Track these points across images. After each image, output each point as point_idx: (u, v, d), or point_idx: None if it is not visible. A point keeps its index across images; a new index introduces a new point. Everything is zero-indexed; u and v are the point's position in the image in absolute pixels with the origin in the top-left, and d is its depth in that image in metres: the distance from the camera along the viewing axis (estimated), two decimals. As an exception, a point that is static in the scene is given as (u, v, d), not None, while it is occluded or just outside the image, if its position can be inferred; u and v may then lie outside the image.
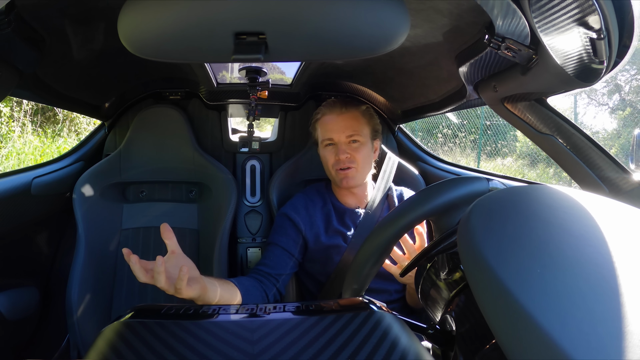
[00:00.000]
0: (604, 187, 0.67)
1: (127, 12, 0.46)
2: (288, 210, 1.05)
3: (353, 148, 1.00)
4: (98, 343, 0.37)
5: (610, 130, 7.25)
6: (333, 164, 1.01)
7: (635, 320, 0.23)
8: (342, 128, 1.00)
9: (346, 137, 1.00)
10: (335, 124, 1.01)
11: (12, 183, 0.99)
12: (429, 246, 0.49)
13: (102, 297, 1.13)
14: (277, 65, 1.09)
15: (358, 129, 1.01)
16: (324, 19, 0.44)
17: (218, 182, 1.21)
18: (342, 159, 0.99)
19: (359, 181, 1.02)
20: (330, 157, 1.02)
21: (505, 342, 0.24)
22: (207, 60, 0.82)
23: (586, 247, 0.29)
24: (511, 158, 6.79)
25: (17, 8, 0.58)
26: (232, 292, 0.81)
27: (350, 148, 1.00)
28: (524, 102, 0.75)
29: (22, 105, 4.49)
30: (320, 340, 0.36)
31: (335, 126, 1.01)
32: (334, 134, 1.01)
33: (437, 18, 0.65)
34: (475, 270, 0.29)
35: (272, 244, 1.01)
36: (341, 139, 1.00)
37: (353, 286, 0.57)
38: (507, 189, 0.40)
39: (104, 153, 1.30)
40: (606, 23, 0.44)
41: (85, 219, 1.10)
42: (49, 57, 0.75)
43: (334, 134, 1.01)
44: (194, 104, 1.34)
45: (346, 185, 1.01)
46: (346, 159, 0.99)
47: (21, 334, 1.08)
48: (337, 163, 1.00)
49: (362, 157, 1.01)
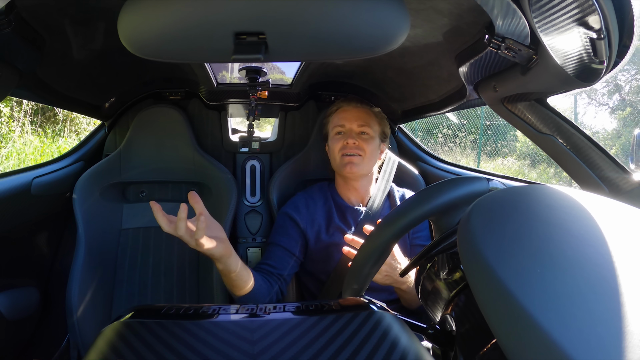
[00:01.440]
0: (604, 187, 0.67)
1: (127, 12, 0.46)
2: (289, 210, 1.05)
3: (362, 138, 1.03)
4: (98, 343, 0.37)
5: (610, 130, 7.25)
6: (340, 149, 1.03)
7: (635, 320, 0.23)
8: (355, 118, 1.04)
9: (357, 125, 1.03)
10: (349, 113, 1.06)
11: (12, 183, 0.99)
12: (429, 246, 0.49)
13: (102, 297, 1.13)
14: (277, 65, 1.09)
15: (369, 122, 1.05)
16: (324, 19, 0.44)
17: (218, 182, 1.21)
18: (349, 143, 1.01)
19: (363, 171, 1.03)
20: (339, 144, 1.04)
21: (505, 342, 0.24)
22: (207, 60, 0.82)
23: (586, 247, 0.29)
24: (511, 158, 6.79)
25: (17, 8, 0.58)
26: (249, 273, 0.85)
27: (360, 138, 1.02)
28: (524, 102, 0.75)
29: (22, 105, 4.49)
30: (320, 340, 0.36)
31: (349, 115, 1.05)
32: (346, 121, 1.04)
33: (437, 18, 0.65)
34: (475, 270, 0.29)
35: (273, 244, 1.02)
36: (352, 127, 1.04)
37: (353, 286, 0.57)
38: (507, 189, 0.40)
39: (104, 153, 1.30)
40: (606, 23, 0.44)
41: (85, 219, 1.10)
42: (49, 57, 0.75)
43: (346, 121, 1.04)
44: (194, 104, 1.34)
45: (349, 171, 1.01)
46: (354, 144, 1.01)
47: (21, 334, 1.08)
48: (344, 148, 1.02)
49: (370, 149, 1.03)
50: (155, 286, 1.20)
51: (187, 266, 1.23)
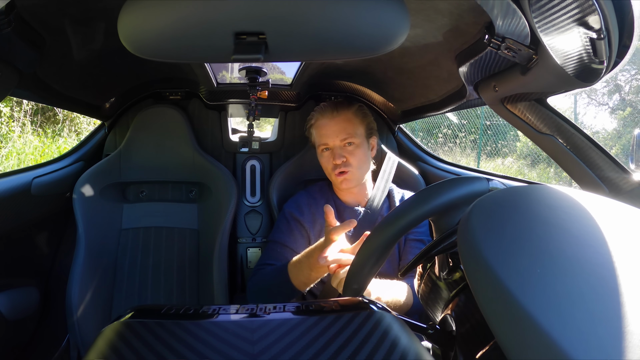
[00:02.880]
0: (604, 187, 0.67)
1: (127, 12, 0.46)
2: (292, 209, 1.06)
3: (348, 151, 1.01)
4: (98, 343, 0.37)
5: (610, 130, 7.25)
6: (332, 168, 1.03)
7: (635, 320, 0.23)
8: (336, 132, 1.01)
9: (340, 140, 1.01)
10: (329, 128, 1.02)
11: (12, 183, 0.99)
12: (429, 246, 0.49)
13: (102, 297, 1.13)
14: (277, 65, 1.09)
15: (352, 130, 1.02)
16: (324, 19, 0.44)
17: (218, 182, 1.21)
18: (338, 163, 1.00)
19: (358, 181, 1.04)
20: (328, 163, 1.03)
21: (505, 342, 0.24)
22: (207, 60, 0.82)
23: (586, 247, 0.29)
24: (511, 158, 6.79)
25: (17, 8, 0.58)
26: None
27: (346, 151, 1.01)
28: (524, 102, 0.75)
29: (22, 105, 4.49)
30: (320, 340, 0.36)
31: (329, 131, 1.02)
32: (329, 139, 1.02)
33: (437, 18, 0.65)
34: (475, 270, 0.29)
35: (276, 242, 1.02)
36: (336, 143, 1.02)
37: (353, 286, 0.57)
38: (507, 189, 0.40)
39: (104, 153, 1.30)
40: (606, 23, 0.44)
41: (85, 219, 1.10)
42: (49, 57, 0.75)
43: (329, 139, 1.02)
44: (194, 104, 1.34)
45: (346, 186, 1.03)
46: (342, 162, 1.00)
47: (21, 334, 1.08)
48: (334, 167, 1.02)
49: (358, 159, 1.02)
50: (155, 286, 1.20)
51: (187, 266, 1.23)
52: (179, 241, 1.24)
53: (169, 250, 1.23)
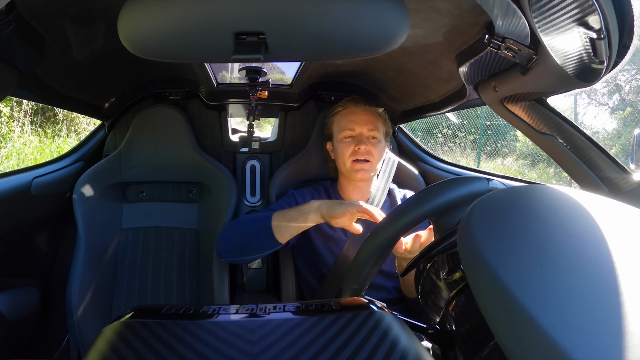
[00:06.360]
0: (604, 187, 0.67)
1: (127, 12, 0.46)
2: (296, 194, 1.07)
3: (372, 143, 1.03)
4: (98, 343, 0.37)
5: (610, 130, 7.25)
6: (351, 154, 1.03)
7: (635, 320, 0.23)
8: (365, 121, 1.04)
9: (368, 130, 1.04)
10: (358, 116, 1.05)
11: (12, 183, 0.99)
12: (429, 246, 0.49)
13: (102, 297, 1.13)
14: (277, 65, 1.09)
15: (377, 125, 1.06)
16: (324, 18, 0.44)
17: (218, 182, 1.21)
18: (362, 149, 1.01)
19: (372, 174, 1.06)
20: (349, 148, 1.03)
21: (505, 342, 0.24)
22: (207, 60, 0.82)
23: (586, 247, 0.29)
24: (511, 158, 6.79)
25: (17, 8, 0.58)
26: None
27: (370, 142, 1.03)
28: (524, 102, 0.75)
29: (22, 105, 4.48)
30: (320, 340, 0.36)
31: (358, 118, 1.05)
32: (356, 125, 1.04)
33: (437, 18, 0.65)
34: (475, 270, 0.29)
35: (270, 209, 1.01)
36: (363, 131, 1.04)
37: (353, 286, 0.57)
38: (507, 189, 0.40)
39: (104, 153, 1.30)
40: (606, 23, 0.44)
41: (85, 219, 1.10)
42: (49, 57, 0.75)
43: (356, 125, 1.04)
44: (194, 104, 1.34)
45: (361, 177, 1.03)
46: (365, 150, 1.01)
47: (21, 334, 1.08)
48: (354, 153, 1.02)
49: (378, 154, 1.04)
50: (155, 286, 1.20)
51: (187, 266, 1.23)
52: (179, 241, 1.24)
53: (169, 250, 1.23)
